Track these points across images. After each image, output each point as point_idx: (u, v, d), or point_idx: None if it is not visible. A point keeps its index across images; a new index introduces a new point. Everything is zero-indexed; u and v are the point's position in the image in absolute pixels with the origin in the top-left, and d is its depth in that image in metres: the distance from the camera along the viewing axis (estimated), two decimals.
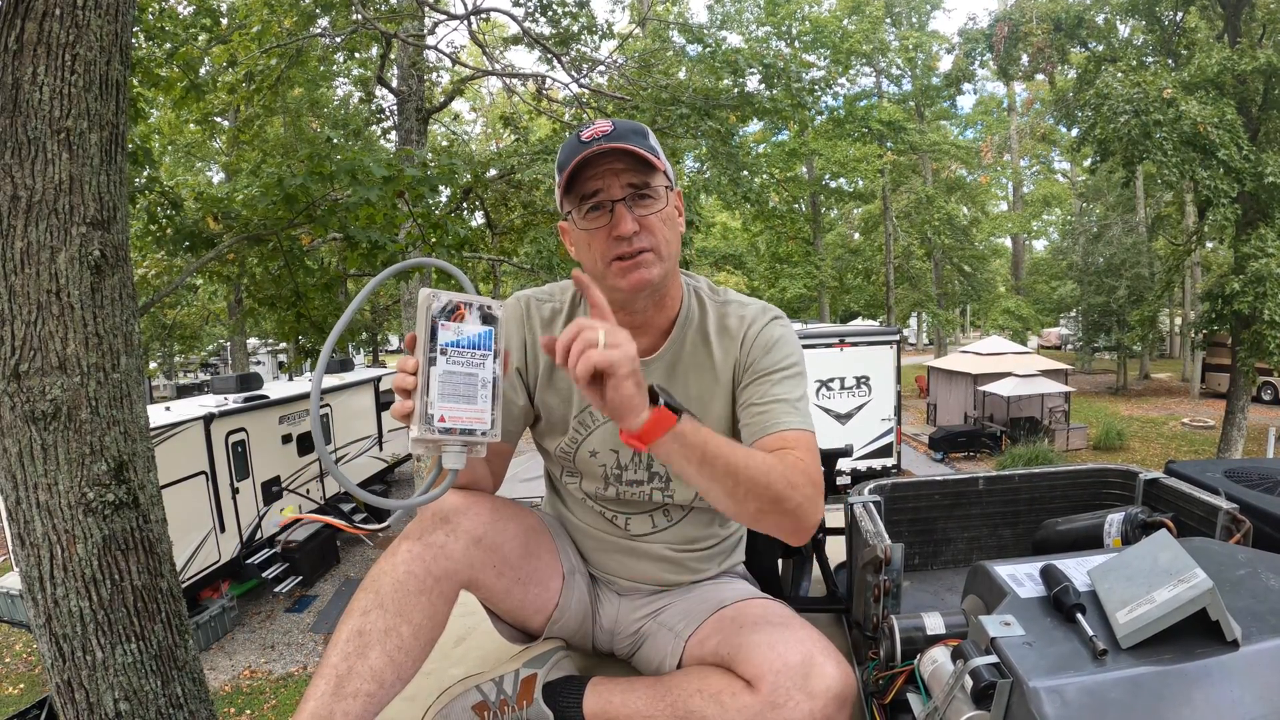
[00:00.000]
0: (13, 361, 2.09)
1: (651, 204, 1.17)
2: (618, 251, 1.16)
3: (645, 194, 1.17)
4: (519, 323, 1.33)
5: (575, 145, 1.15)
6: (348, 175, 4.65)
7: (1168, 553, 0.91)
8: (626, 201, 1.15)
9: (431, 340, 0.93)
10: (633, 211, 1.15)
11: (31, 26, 2.04)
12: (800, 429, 1.18)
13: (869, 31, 23.59)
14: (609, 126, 1.16)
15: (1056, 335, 35.90)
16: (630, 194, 1.16)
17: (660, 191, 1.18)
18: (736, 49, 9.84)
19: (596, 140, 1.13)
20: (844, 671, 1.10)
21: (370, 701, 1.04)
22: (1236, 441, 13.57)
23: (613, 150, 1.13)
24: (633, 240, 1.15)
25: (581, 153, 1.13)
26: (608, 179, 1.15)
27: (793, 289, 25.03)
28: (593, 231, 1.17)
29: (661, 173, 1.18)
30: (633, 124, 1.20)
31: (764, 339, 1.27)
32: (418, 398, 0.92)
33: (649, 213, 1.17)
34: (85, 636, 2.23)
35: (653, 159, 1.15)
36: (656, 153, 1.18)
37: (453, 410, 0.93)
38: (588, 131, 1.16)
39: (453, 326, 0.94)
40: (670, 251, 1.21)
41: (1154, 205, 24.27)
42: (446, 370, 0.93)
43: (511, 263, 12.65)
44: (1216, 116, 11.24)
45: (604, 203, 1.16)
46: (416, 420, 0.92)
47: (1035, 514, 1.74)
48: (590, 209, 1.17)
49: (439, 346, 0.93)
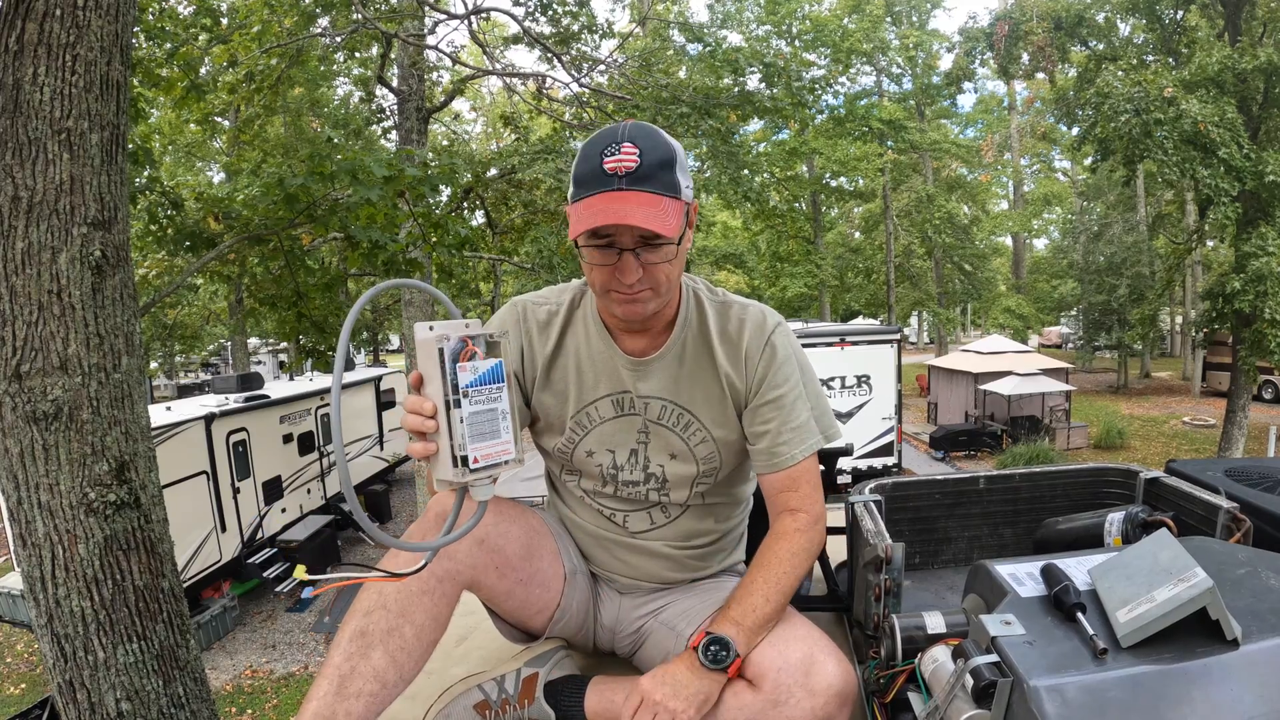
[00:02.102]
0: (14, 362, 2.09)
1: (660, 253, 1.12)
2: (617, 288, 1.15)
3: (655, 244, 1.12)
4: (516, 326, 1.33)
5: (597, 174, 1.09)
6: (348, 175, 4.64)
7: (1168, 552, 0.91)
8: (636, 251, 1.11)
9: (453, 384, 0.92)
10: (640, 258, 1.12)
11: (32, 27, 2.04)
12: (803, 459, 1.26)
13: (869, 30, 23.54)
14: (634, 161, 1.08)
15: (1057, 334, 35.86)
16: (640, 244, 1.11)
17: (672, 241, 1.12)
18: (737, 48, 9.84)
19: (618, 181, 1.07)
20: (845, 670, 1.10)
21: (373, 701, 1.04)
22: (1237, 440, 13.56)
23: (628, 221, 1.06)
24: (634, 285, 1.14)
25: (600, 191, 1.08)
26: (621, 230, 1.10)
27: (793, 288, 24.99)
28: (594, 265, 1.15)
29: (682, 210, 1.13)
30: (660, 151, 1.11)
31: (767, 358, 1.26)
32: (442, 441, 0.92)
33: (658, 261, 1.13)
34: (87, 636, 2.23)
35: (668, 218, 1.09)
36: (676, 187, 1.12)
37: (483, 449, 0.93)
38: (611, 161, 1.08)
39: (469, 366, 0.93)
40: (671, 285, 1.19)
41: (1155, 204, 24.26)
42: (472, 412, 0.92)
43: (512, 262, 12.66)
44: (1217, 115, 11.23)
45: (613, 245, 1.12)
46: (443, 464, 0.92)
47: (1036, 513, 1.74)
48: (597, 247, 1.13)
49: (461, 389, 0.92)
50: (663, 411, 1.30)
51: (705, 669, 1.10)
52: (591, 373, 1.31)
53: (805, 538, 1.24)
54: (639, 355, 1.29)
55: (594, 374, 1.31)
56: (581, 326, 1.32)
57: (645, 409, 1.30)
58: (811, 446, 1.26)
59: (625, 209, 1.06)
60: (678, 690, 1.09)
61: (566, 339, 1.33)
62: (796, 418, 1.26)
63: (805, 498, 1.27)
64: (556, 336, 1.32)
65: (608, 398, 1.31)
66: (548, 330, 1.33)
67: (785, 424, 1.25)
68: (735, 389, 1.28)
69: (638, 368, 1.29)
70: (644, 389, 1.29)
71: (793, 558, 1.22)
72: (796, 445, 1.25)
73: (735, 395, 1.28)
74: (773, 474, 1.27)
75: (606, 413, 1.32)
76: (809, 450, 1.26)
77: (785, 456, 1.25)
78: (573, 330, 1.33)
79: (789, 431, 1.25)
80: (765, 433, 1.26)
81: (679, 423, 1.30)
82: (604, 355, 1.30)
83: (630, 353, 1.29)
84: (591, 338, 1.31)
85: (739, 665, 1.12)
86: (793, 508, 1.26)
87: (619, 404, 1.31)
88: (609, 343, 1.30)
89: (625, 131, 1.11)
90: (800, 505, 1.26)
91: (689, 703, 1.08)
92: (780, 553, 1.22)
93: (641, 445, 1.32)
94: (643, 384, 1.29)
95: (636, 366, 1.29)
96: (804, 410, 1.27)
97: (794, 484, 1.26)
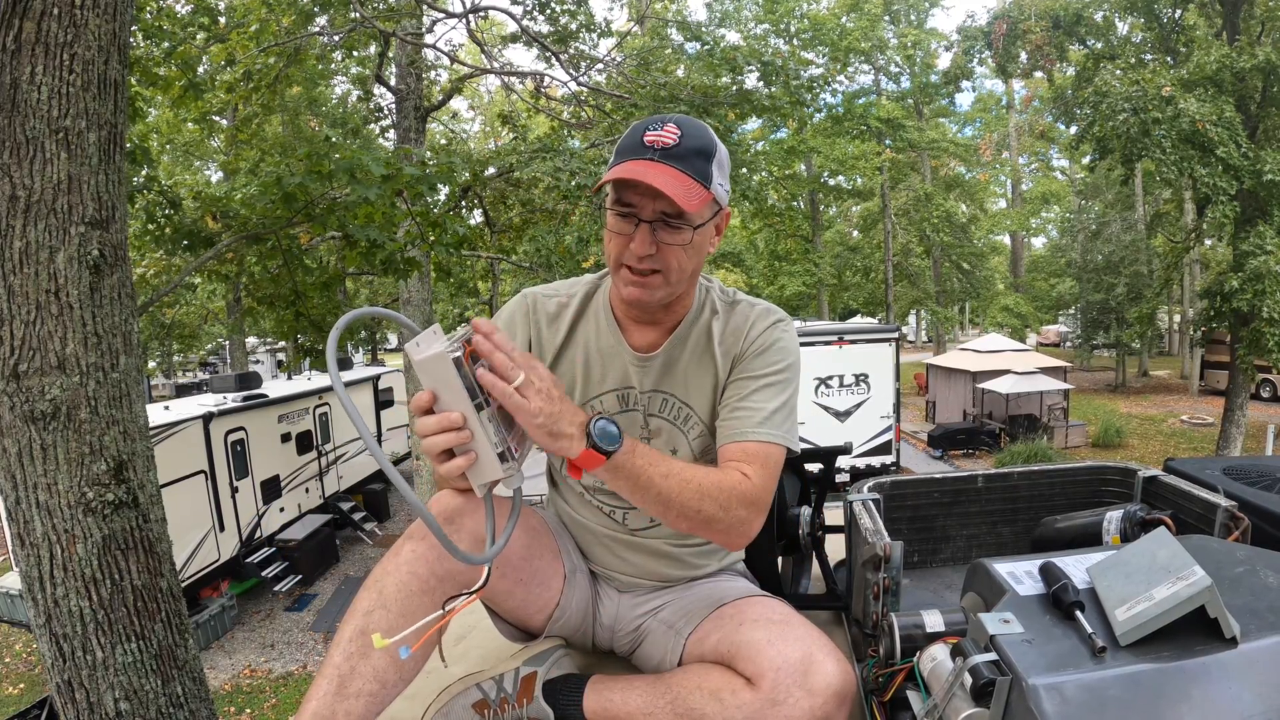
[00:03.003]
0: (12, 361, 2.09)
1: (676, 235, 1.14)
2: (628, 262, 1.16)
3: (674, 225, 1.14)
4: (525, 318, 1.34)
5: (637, 144, 1.13)
6: (346, 174, 4.64)
7: (1166, 550, 0.92)
8: (653, 225, 1.13)
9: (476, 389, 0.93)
10: (656, 234, 1.14)
11: (29, 26, 2.04)
12: (764, 441, 1.20)
13: (867, 29, 23.55)
14: (674, 138, 1.12)
15: (1055, 333, 35.88)
16: (659, 219, 1.13)
17: (690, 224, 1.14)
18: (735, 46, 9.82)
19: (654, 152, 1.11)
20: (844, 669, 1.10)
21: (372, 701, 1.04)
22: (1235, 439, 13.58)
23: (655, 184, 1.07)
24: (644, 260, 1.15)
25: (634, 158, 1.11)
26: (644, 199, 1.12)
27: (791, 286, 25.02)
28: (615, 232, 1.17)
29: (708, 201, 1.14)
30: (701, 139, 1.14)
31: (762, 340, 1.27)
32: (480, 445, 0.94)
33: (673, 242, 1.15)
34: (85, 636, 2.23)
35: (694, 199, 1.10)
36: (709, 178, 1.13)
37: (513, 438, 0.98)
38: (652, 134, 1.12)
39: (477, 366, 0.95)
40: (682, 277, 1.19)
41: (1153, 203, 24.28)
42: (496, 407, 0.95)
43: (510, 261, 12.65)
44: (1215, 114, 11.24)
45: (633, 215, 1.14)
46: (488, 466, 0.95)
47: (1034, 511, 1.74)
48: (620, 213, 1.15)
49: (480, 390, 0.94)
50: (663, 405, 1.31)
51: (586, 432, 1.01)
52: (599, 367, 1.32)
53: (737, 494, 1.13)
54: (646, 351, 1.30)
55: (601, 368, 1.32)
56: (593, 319, 1.33)
57: (647, 404, 1.31)
58: (773, 435, 1.20)
59: (649, 172, 1.09)
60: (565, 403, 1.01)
61: (577, 331, 1.33)
62: (769, 401, 1.23)
63: (758, 476, 1.17)
64: (567, 328, 1.33)
65: (613, 392, 1.32)
66: (557, 322, 1.33)
67: (753, 402, 1.22)
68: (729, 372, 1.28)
69: (643, 363, 1.29)
70: (647, 383, 1.30)
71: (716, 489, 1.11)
72: (759, 424, 1.20)
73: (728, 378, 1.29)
74: (729, 443, 1.22)
75: (611, 407, 1.32)
76: (769, 438, 1.20)
77: (745, 428, 1.20)
78: (584, 322, 1.34)
79: (754, 411, 1.22)
80: (729, 406, 1.25)
81: (678, 416, 1.31)
82: (612, 349, 1.31)
83: (637, 348, 1.30)
84: (602, 331, 1.32)
85: (581, 461, 1.01)
86: (745, 474, 1.17)
87: (623, 399, 1.32)
88: (618, 337, 1.30)
89: (674, 117, 1.16)
90: (751, 475, 1.17)
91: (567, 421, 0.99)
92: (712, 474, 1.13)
93: (643, 441, 1.32)
94: (646, 379, 1.30)
95: (642, 362, 1.29)
96: (779, 398, 1.24)
97: (748, 458, 1.19)
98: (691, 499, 1.09)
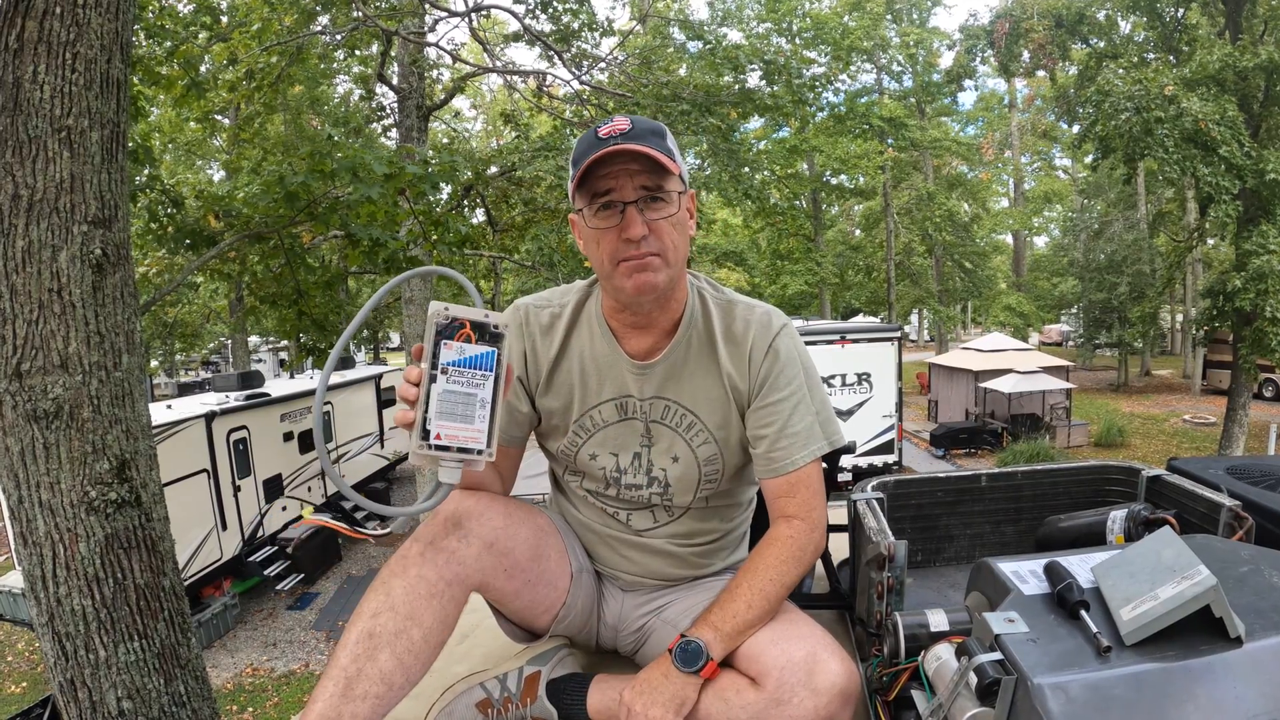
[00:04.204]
0: (14, 360, 2.09)
1: (663, 208, 1.16)
2: (625, 254, 1.16)
3: (658, 197, 1.15)
4: (517, 331, 1.32)
5: (592, 141, 1.14)
6: (349, 173, 4.64)
7: (1171, 550, 0.91)
8: (638, 204, 1.14)
9: (434, 357, 0.95)
10: (644, 214, 1.14)
11: (32, 25, 2.04)
12: (806, 465, 1.25)
13: (870, 28, 23.53)
14: (627, 125, 1.14)
15: (1058, 332, 35.83)
16: (643, 196, 1.14)
17: (673, 195, 1.17)
18: (737, 45, 9.82)
19: (614, 139, 1.12)
20: (848, 668, 1.10)
21: (379, 704, 1.04)
22: (1238, 438, 13.56)
23: (628, 151, 1.11)
24: (641, 244, 1.15)
25: (597, 150, 1.11)
26: (621, 179, 1.14)
27: (794, 285, 25.00)
28: (602, 231, 1.16)
29: (676, 176, 1.17)
30: (652, 124, 1.18)
31: (770, 361, 1.26)
32: (417, 411, 0.95)
33: (660, 216, 1.16)
34: (88, 635, 2.23)
35: (668, 162, 1.13)
36: (672, 155, 1.16)
37: (449, 428, 0.95)
38: (605, 128, 1.14)
39: (455, 345, 0.96)
40: (678, 257, 1.20)
41: (1155, 202, 24.23)
42: (446, 389, 0.95)
43: (513, 260, 12.66)
44: (1218, 113, 11.22)
45: (616, 203, 1.14)
46: (414, 433, 0.95)
47: (1038, 511, 1.74)
48: (601, 207, 1.16)
49: (440, 365, 0.95)
50: (665, 412, 1.30)
51: (679, 672, 1.11)
52: (595, 376, 1.31)
53: (797, 545, 1.23)
54: (643, 358, 1.29)
55: (598, 377, 1.30)
56: (586, 329, 1.32)
57: (648, 410, 1.30)
58: (813, 452, 1.25)
59: (623, 145, 1.11)
60: (654, 696, 1.10)
61: (571, 341, 1.32)
62: (798, 422, 1.25)
63: (803, 504, 1.25)
64: (561, 339, 1.32)
65: (611, 402, 1.31)
66: (551, 334, 1.32)
67: (785, 429, 1.24)
68: (738, 390, 1.27)
69: (641, 371, 1.28)
70: (647, 390, 1.29)
71: (781, 564, 1.21)
72: (796, 450, 1.24)
73: (738, 397, 1.28)
74: (772, 479, 1.26)
75: (610, 416, 1.31)
76: (810, 456, 1.25)
77: (784, 462, 1.24)
78: (578, 332, 1.32)
79: (788, 436, 1.24)
80: (764, 437, 1.25)
81: (681, 423, 1.30)
82: (608, 358, 1.30)
83: (634, 355, 1.29)
84: (596, 340, 1.30)
85: (713, 669, 1.12)
86: (789, 514, 1.25)
87: (622, 408, 1.31)
88: (613, 345, 1.29)
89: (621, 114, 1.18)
90: (796, 512, 1.25)
91: (665, 708, 1.09)
92: (769, 559, 1.21)
93: (644, 449, 1.32)
94: (646, 386, 1.29)
95: (640, 370, 1.28)
96: (806, 414, 1.26)
97: (792, 489, 1.25)
98: (780, 591, 1.20)
